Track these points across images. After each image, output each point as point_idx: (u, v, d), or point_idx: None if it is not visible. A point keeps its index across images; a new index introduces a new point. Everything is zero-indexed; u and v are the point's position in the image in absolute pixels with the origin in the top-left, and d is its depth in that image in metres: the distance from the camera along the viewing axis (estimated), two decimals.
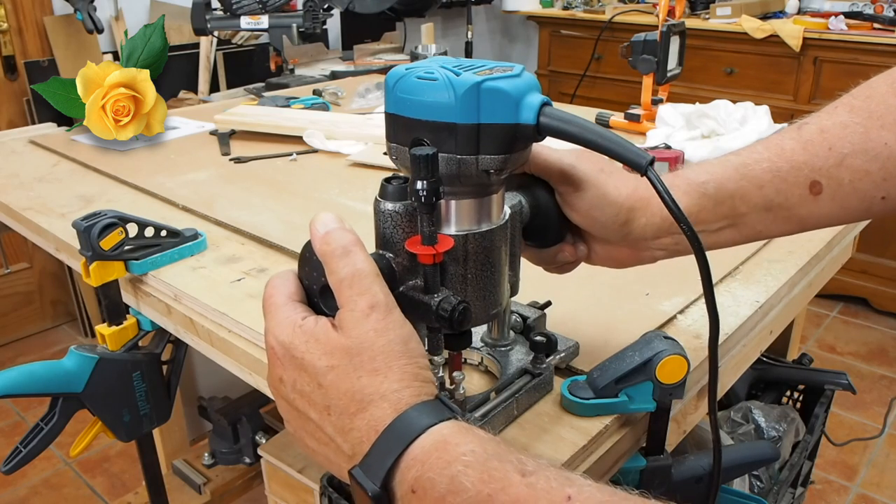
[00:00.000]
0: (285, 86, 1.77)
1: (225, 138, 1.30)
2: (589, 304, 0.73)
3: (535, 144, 0.48)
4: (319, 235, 0.44)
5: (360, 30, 2.90)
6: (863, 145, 0.51)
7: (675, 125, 1.23)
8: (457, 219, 0.47)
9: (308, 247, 0.45)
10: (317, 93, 1.63)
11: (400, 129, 0.46)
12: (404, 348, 0.42)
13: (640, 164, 0.43)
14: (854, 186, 0.52)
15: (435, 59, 0.47)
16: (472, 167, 0.44)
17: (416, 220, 0.46)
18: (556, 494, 0.35)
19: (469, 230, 0.47)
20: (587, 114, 1.43)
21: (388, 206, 0.46)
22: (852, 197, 0.52)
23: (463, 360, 0.60)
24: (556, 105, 0.47)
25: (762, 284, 0.77)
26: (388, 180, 0.47)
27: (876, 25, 2.48)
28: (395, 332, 0.42)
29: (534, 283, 0.62)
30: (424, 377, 0.42)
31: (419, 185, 0.43)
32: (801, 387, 1.28)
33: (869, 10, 2.59)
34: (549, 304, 0.65)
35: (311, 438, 0.43)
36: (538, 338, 0.57)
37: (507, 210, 0.51)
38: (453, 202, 0.47)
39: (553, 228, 0.56)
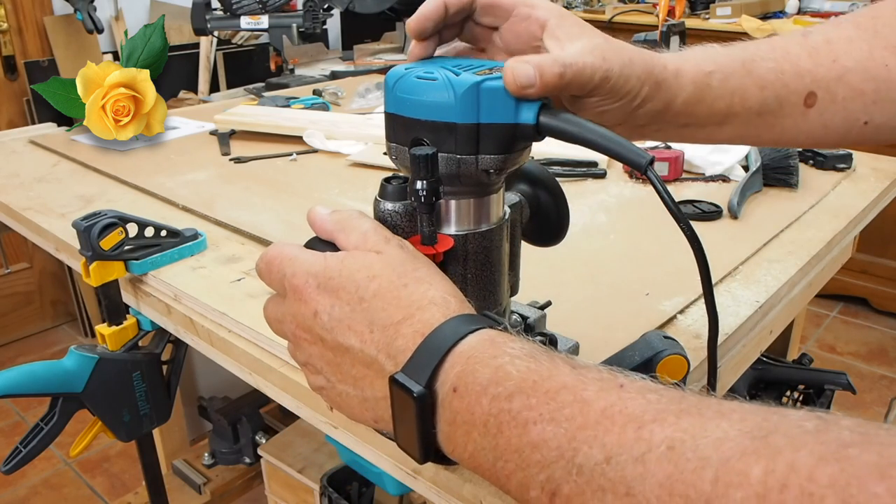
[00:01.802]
0: (285, 86, 1.77)
1: (225, 138, 1.30)
2: (589, 304, 0.73)
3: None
4: (325, 213, 0.45)
5: (360, 30, 2.90)
6: (865, 63, 0.51)
7: None
8: (456, 218, 0.47)
9: (310, 241, 0.46)
10: (317, 93, 1.63)
11: (399, 128, 0.46)
12: (443, 276, 0.43)
13: (640, 164, 0.43)
14: (845, 105, 0.51)
15: (434, 59, 0.47)
16: (472, 167, 0.44)
17: (415, 219, 0.46)
18: (607, 382, 0.33)
19: (469, 230, 0.47)
20: None
21: (388, 205, 0.46)
22: (839, 116, 0.52)
23: None
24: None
25: (762, 284, 0.77)
26: (387, 180, 0.47)
27: None
28: (428, 263, 0.43)
29: (534, 283, 0.62)
30: (463, 297, 0.42)
31: (419, 184, 0.43)
32: (801, 387, 1.28)
33: None
34: (549, 304, 0.65)
35: (347, 379, 0.42)
36: (538, 338, 0.57)
37: (507, 210, 0.51)
38: (453, 202, 0.47)
39: (553, 228, 0.56)
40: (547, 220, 0.56)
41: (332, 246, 0.45)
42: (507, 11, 0.49)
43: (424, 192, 0.43)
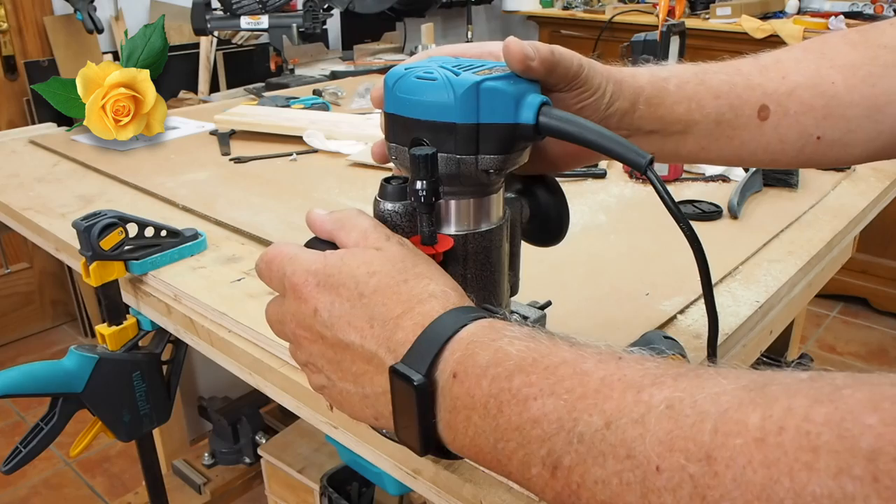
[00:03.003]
0: (285, 86, 1.77)
1: (225, 138, 1.30)
2: (589, 304, 0.73)
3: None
4: (324, 213, 0.46)
5: (360, 30, 2.90)
6: (813, 80, 0.53)
7: None
8: (456, 219, 0.47)
9: (310, 241, 0.46)
10: (317, 93, 1.63)
11: (399, 129, 0.46)
12: (439, 268, 0.43)
13: (640, 164, 0.43)
14: (797, 119, 0.53)
15: (434, 59, 0.47)
16: (472, 167, 0.44)
17: (415, 220, 0.46)
18: (606, 355, 0.34)
19: (469, 230, 0.47)
20: None
21: (388, 206, 0.46)
22: (793, 129, 0.53)
23: None
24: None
25: (762, 284, 0.77)
26: (387, 180, 0.47)
27: None
28: (423, 256, 0.44)
29: (534, 283, 0.62)
30: (463, 291, 0.42)
31: (419, 185, 0.43)
32: None
33: (869, 11, 2.59)
34: (549, 304, 0.65)
35: (348, 376, 0.42)
36: None
37: (507, 210, 0.51)
38: (453, 202, 0.47)
39: (553, 228, 0.56)
40: (547, 220, 0.56)
41: (332, 245, 0.45)
42: None
43: (424, 193, 0.43)
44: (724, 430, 0.27)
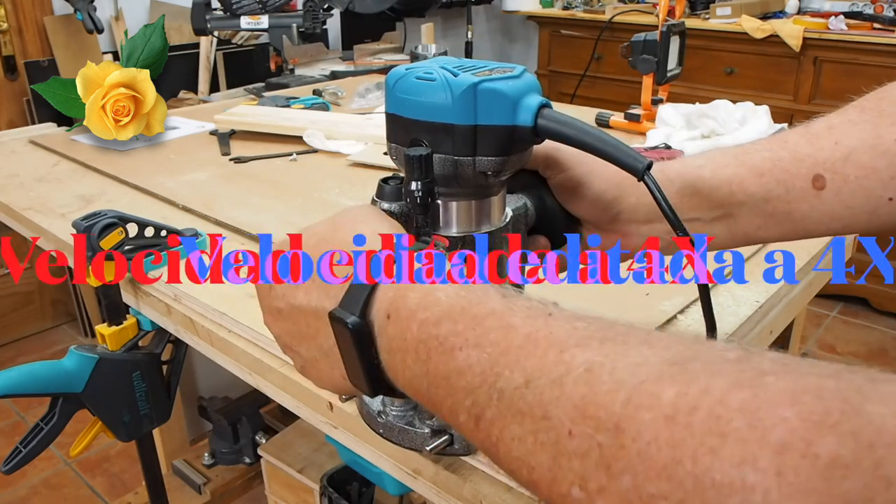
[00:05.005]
0: (285, 86, 1.77)
1: (225, 138, 1.30)
2: (589, 305, 0.73)
3: None
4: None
5: (360, 30, 2.90)
6: (872, 141, 0.50)
7: (675, 125, 1.23)
8: (456, 220, 0.47)
9: None
10: (317, 93, 1.63)
11: (399, 129, 0.46)
12: (383, 215, 0.44)
13: (637, 169, 0.43)
14: (860, 184, 0.50)
15: (436, 60, 0.47)
16: (469, 169, 0.44)
17: (412, 220, 0.46)
18: (536, 310, 0.34)
19: (468, 232, 0.47)
20: (587, 114, 1.43)
21: (385, 206, 0.46)
22: (858, 195, 0.50)
23: None
24: (556, 105, 0.47)
25: (762, 284, 0.77)
26: (384, 180, 0.47)
27: (876, 25, 2.48)
28: (373, 208, 0.45)
29: (533, 283, 0.62)
30: (398, 227, 0.43)
31: (413, 185, 0.43)
32: None
33: (869, 10, 2.59)
34: None
35: (307, 339, 0.42)
36: None
37: (509, 212, 0.51)
38: (453, 203, 0.47)
39: (559, 231, 0.56)
40: (553, 224, 0.55)
41: None
42: None
43: (419, 193, 0.43)
44: (637, 403, 0.26)
